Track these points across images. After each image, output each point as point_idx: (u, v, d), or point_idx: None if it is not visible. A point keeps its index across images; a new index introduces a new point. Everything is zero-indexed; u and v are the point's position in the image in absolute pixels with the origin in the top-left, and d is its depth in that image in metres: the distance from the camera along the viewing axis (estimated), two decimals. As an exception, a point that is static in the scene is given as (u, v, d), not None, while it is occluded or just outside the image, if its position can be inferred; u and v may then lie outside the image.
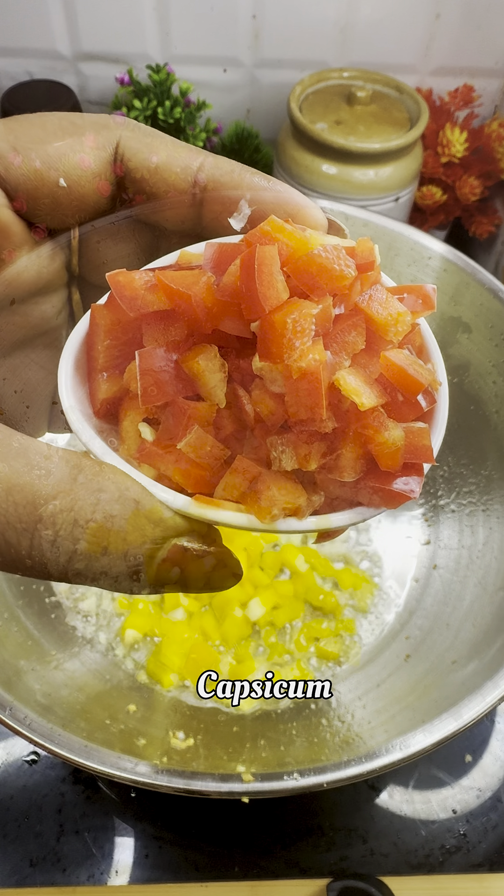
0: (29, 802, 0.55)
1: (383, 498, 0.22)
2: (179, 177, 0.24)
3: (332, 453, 0.22)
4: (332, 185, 0.73)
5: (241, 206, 0.25)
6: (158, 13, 0.79)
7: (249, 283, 0.21)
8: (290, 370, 0.21)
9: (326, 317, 0.22)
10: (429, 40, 0.82)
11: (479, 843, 0.54)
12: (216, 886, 0.49)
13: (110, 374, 0.23)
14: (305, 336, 0.21)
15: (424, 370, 0.23)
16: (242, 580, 0.60)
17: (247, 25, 0.80)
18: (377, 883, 0.47)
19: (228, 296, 0.21)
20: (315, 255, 0.21)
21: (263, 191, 0.24)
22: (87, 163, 0.23)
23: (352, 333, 0.22)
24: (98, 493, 0.20)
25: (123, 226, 0.26)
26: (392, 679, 0.55)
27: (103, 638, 0.59)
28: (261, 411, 0.22)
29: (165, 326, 0.22)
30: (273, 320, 0.21)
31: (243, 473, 0.22)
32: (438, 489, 0.66)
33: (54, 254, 0.26)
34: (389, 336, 0.23)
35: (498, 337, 0.62)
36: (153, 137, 0.24)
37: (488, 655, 0.49)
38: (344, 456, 0.22)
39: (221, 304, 0.21)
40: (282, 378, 0.21)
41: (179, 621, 0.59)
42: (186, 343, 0.22)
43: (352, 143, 0.71)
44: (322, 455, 0.22)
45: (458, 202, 0.86)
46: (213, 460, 0.22)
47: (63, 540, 0.19)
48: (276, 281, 0.21)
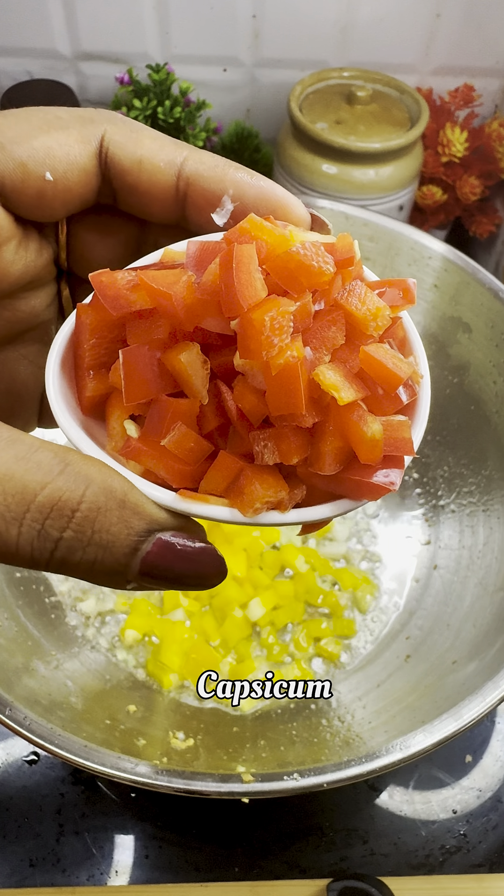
0: (29, 803, 0.55)
1: (364, 490, 0.22)
2: (163, 170, 0.24)
3: (313, 447, 0.23)
4: (332, 185, 0.73)
5: (223, 201, 0.25)
6: (158, 13, 0.79)
7: (228, 282, 0.21)
8: (269, 367, 0.21)
9: (306, 313, 0.22)
10: (429, 40, 0.82)
11: (479, 844, 0.54)
12: (216, 886, 0.49)
13: (96, 373, 0.24)
14: (284, 333, 0.21)
15: (404, 364, 0.23)
16: (242, 581, 0.60)
17: (247, 25, 0.80)
18: (377, 883, 0.47)
19: (208, 294, 0.22)
20: (293, 252, 0.22)
21: (247, 186, 0.24)
22: (73, 157, 0.23)
23: (331, 329, 0.23)
24: (85, 486, 0.20)
25: (110, 219, 0.26)
26: (392, 679, 0.54)
27: (103, 638, 0.59)
28: (243, 407, 0.22)
29: (148, 325, 0.23)
30: (251, 318, 0.21)
31: (226, 468, 0.22)
32: (439, 489, 0.66)
33: (42, 248, 0.26)
34: (369, 331, 0.23)
35: (498, 337, 0.62)
36: (138, 132, 0.25)
37: (488, 655, 0.49)
38: (324, 450, 0.22)
39: (202, 302, 0.22)
40: (262, 374, 0.22)
41: (179, 621, 0.59)
42: (169, 341, 0.23)
43: (352, 142, 0.71)
44: (303, 449, 0.22)
45: (459, 202, 0.86)
46: (197, 456, 0.22)
47: (50, 529, 0.20)
48: (254, 279, 0.21)
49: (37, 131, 0.23)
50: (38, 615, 0.57)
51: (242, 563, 0.60)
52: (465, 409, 0.65)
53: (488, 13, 0.79)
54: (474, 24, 0.80)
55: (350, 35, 0.81)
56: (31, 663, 0.50)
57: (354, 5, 0.78)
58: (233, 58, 0.83)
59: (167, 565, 0.21)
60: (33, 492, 0.19)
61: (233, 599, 0.59)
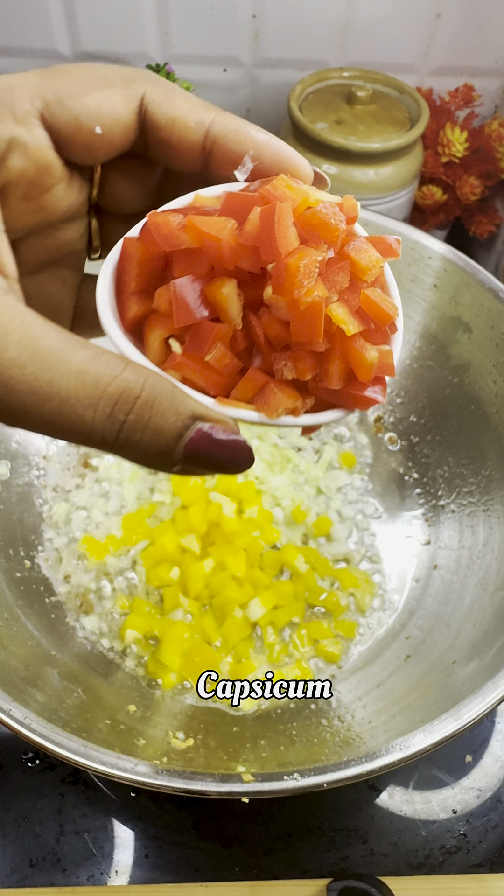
0: (29, 802, 0.55)
1: (359, 402, 0.29)
2: (193, 129, 0.28)
3: (322, 367, 0.28)
4: (332, 185, 0.73)
5: (245, 160, 0.29)
6: (158, 13, 0.79)
7: (270, 232, 0.26)
8: (297, 303, 0.26)
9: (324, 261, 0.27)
10: (429, 40, 0.82)
11: (479, 844, 0.54)
12: (216, 886, 0.49)
13: (139, 297, 0.29)
14: (312, 277, 0.26)
15: (391, 305, 0.29)
16: (242, 581, 0.60)
17: (247, 25, 0.80)
18: (377, 883, 0.47)
19: (250, 240, 0.27)
20: (317, 211, 0.27)
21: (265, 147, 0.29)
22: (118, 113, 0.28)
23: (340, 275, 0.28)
24: (144, 379, 0.24)
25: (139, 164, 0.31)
26: (392, 679, 0.54)
27: (103, 638, 0.59)
28: (269, 334, 0.28)
29: (193, 260, 0.28)
30: (287, 263, 0.26)
31: (255, 381, 0.28)
32: (439, 489, 0.66)
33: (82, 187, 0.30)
34: (367, 277, 0.28)
35: (498, 337, 0.62)
36: (174, 93, 0.29)
37: (488, 655, 0.49)
38: (332, 369, 0.28)
39: (243, 247, 0.27)
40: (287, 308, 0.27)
41: (179, 621, 0.59)
42: (209, 275, 0.28)
43: (352, 142, 0.71)
44: (315, 368, 0.28)
45: (459, 202, 0.86)
46: (231, 370, 0.28)
47: (118, 413, 0.24)
48: (289, 231, 0.26)
49: (89, 88, 0.27)
50: (38, 615, 0.57)
51: (242, 563, 0.60)
52: (465, 409, 0.65)
53: (488, 13, 0.79)
54: (474, 24, 0.80)
55: (350, 35, 0.81)
56: (32, 663, 0.50)
57: (354, 5, 0.78)
58: (233, 58, 0.83)
59: (206, 450, 0.25)
60: (106, 382, 0.24)
61: (233, 599, 0.59)
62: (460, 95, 0.81)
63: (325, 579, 0.63)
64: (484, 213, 0.88)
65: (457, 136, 0.80)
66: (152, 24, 0.80)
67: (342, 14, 0.79)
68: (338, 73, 0.79)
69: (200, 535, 0.62)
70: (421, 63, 0.84)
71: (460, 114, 0.84)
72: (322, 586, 0.62)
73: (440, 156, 0.81)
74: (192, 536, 0.62)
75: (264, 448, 0.70)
